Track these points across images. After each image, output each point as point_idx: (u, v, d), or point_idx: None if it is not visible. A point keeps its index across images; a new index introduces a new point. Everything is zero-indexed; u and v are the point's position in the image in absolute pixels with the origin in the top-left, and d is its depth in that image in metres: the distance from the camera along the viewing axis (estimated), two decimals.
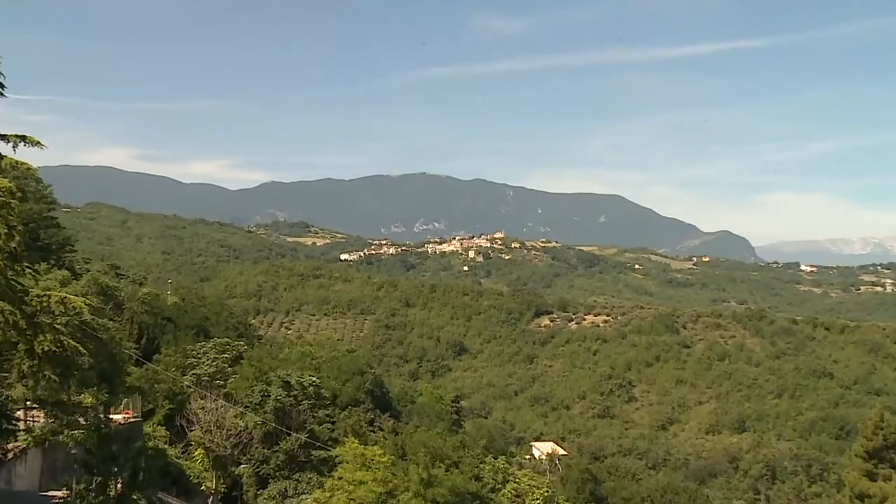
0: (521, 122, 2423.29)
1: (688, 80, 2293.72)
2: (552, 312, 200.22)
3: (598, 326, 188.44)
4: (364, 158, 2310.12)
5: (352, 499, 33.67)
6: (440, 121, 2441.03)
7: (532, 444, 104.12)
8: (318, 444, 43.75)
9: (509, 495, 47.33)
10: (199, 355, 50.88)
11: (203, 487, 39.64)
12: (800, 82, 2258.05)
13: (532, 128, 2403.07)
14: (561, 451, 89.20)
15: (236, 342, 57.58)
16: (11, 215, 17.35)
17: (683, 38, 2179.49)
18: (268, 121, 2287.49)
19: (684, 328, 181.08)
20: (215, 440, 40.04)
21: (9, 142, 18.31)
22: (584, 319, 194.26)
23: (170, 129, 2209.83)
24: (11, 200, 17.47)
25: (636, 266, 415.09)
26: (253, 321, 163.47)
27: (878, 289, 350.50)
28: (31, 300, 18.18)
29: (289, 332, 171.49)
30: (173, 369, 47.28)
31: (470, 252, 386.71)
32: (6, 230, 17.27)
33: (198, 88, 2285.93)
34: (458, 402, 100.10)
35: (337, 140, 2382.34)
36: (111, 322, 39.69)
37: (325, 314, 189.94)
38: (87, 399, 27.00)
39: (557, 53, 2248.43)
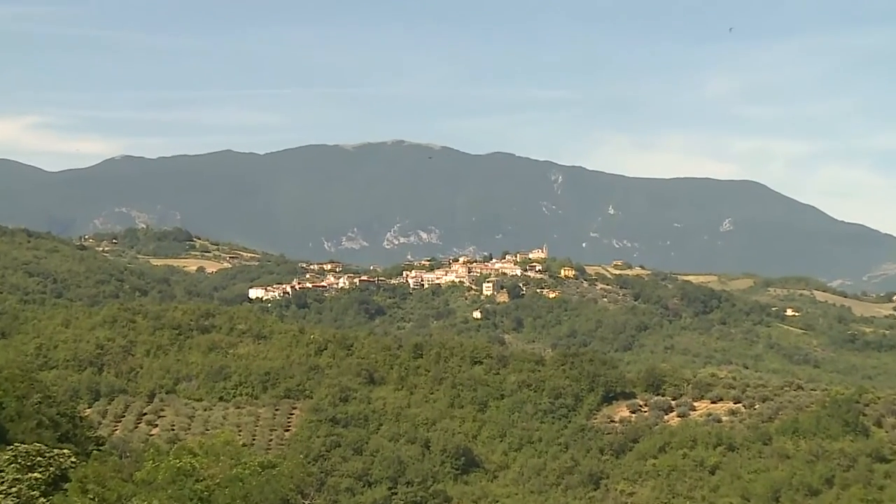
0: (576, 52, 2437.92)
1: None
2: (635, 396, 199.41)
3: (720, 422, 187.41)
4: (291, 116, 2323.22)
5: None
6: (430, 49, 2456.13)
7: None
8: None
9: None
10: None
11: None
12: None
13: (598, 60, 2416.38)
14: None
15: (56, 450, 58.14)
16: None
17: None
18: (117, 44, 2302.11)
19: (879, 426, 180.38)
20: None
21: None
22: (695, 409, 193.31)
23: None
24: None
25: (789, 311, 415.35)
26: (88, 411, 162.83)
27: None
28: None
29: (154, 430, 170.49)
30: None
31: (486, 285, 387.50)
32: None
33: None
34: None
35: (242, 82, 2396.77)
36: None
37: (222, 398, 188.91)
38: None
39: None
